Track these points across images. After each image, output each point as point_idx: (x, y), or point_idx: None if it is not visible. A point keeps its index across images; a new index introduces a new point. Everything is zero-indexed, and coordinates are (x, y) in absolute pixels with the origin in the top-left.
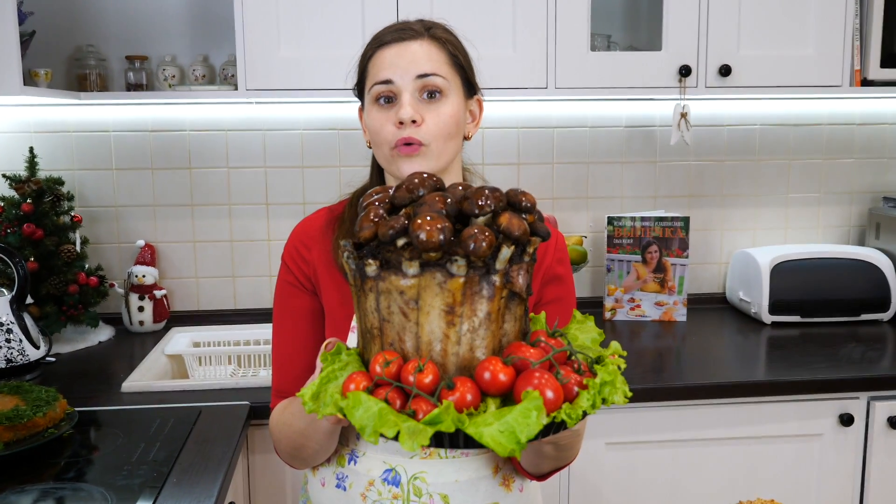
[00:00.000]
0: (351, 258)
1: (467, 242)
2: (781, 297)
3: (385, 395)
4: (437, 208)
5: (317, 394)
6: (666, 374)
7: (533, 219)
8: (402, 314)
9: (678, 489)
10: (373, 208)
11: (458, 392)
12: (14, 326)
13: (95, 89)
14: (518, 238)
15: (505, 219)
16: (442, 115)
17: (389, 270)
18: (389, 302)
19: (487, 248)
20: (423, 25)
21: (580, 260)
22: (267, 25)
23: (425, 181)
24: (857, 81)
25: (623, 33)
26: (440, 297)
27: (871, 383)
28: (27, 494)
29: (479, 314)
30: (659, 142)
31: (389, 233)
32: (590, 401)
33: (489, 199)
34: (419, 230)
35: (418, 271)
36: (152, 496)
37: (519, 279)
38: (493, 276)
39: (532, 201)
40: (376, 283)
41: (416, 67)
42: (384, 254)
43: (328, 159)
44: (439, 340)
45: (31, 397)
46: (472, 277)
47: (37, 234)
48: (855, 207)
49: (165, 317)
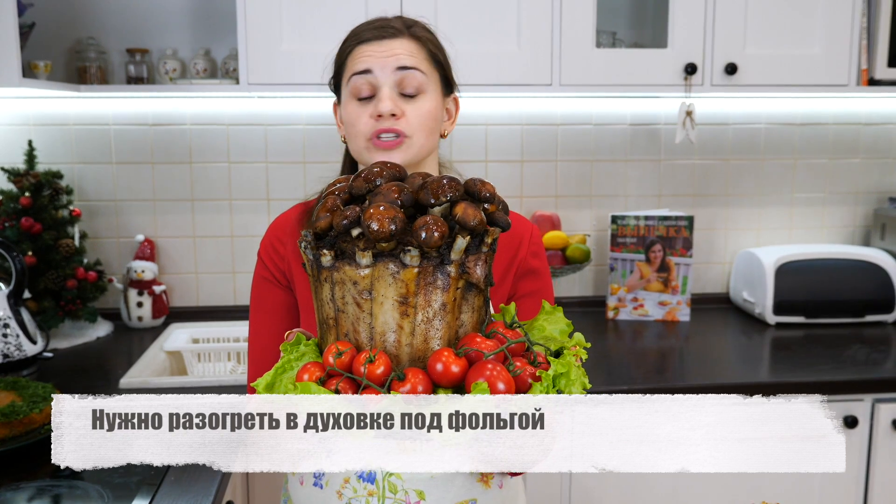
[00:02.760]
0: (308, 248)
1: (419, 232)
2: (786, 298)
3: (336, 386)
4: (392, 198)
5: (271, 383)
6: (668, 374)
7: (494, 208)
8: (356, 304)
9: (681, 490)
10: (331, 198)
11: (408, 383)
12: (11, 321)
13: (95, 82)
14: (474, 228)
15: (461, 208)
16: (422, 110)
17: (344, 261)
18: (344, 292)
19: (439, 238)
20: (404, 23)
21: (583, 259)
22: (269, 19)
23: (384, 170)
24: (865, 81)
25: (628, 30)
26: (393, 288)
27: (876, 385)
28: (23, 491)
29: (434, 305)
30: (663, 140)
31: (343, 223)
32: (542, 392)
33: (445, 189)
34: (371, 220)
35: (371, 262)
36: (149, 494)
37: (476, 270)
38: (448, 266)
39: (491, 190)
40: (331, 274)
41: (397, 60)
42: (340, 244)
43: (330, 155)
44: (393, 331)
45: (27, 393)
46: (425, 268)
47: (35, 227)
48: (860, 208)
49: (164, 313)
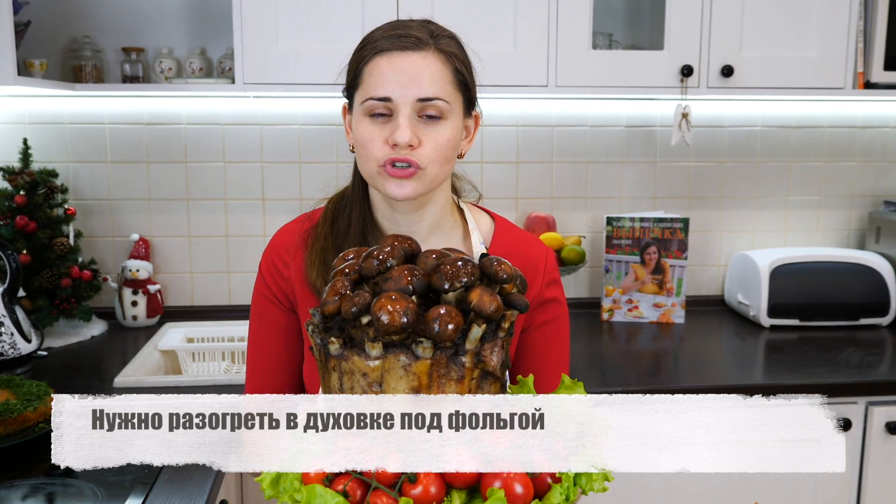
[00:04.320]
0: (315, 333)
1: (432, 325)
2: (780, 301)
3: (343, 487)
4: (403, 285)
5: (276, 479)
6: (663, 376)
7: (511, 288)
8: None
9: (675, 490)
10: (339, 279)
11: (420, 485)
12: (5, 319)
13: (91, 81)
14: (490, 315)
15: (476, 295)
16: (440, 138)
17: (353, 350)
18: (353, 383)
19: (453, 332)
20: (429, 32)
21: (578, 260)
22: (265, 19)
23: (396, 250)
24: (860, 84)
25: (625, 32)
26: (405, 381)
27: (870, 388)
28: (17, 489)
29: None
30: (659, 142)
31: (352, 310)
32: (563, 494)
33: (460, 273)
34: (381, 311)
35: (381, 353)
36: (143, 493)
37: (492, 358)
38: (463, 356)
39: (508, 272)
40: (339, 363)
41: (419, 89)
42: (349, 330)
43: (326, 155)
44: None
45: (21, 391)
46: (439, 359)
47: (30, 226)
48: (855, 211)
49: (159, 312)
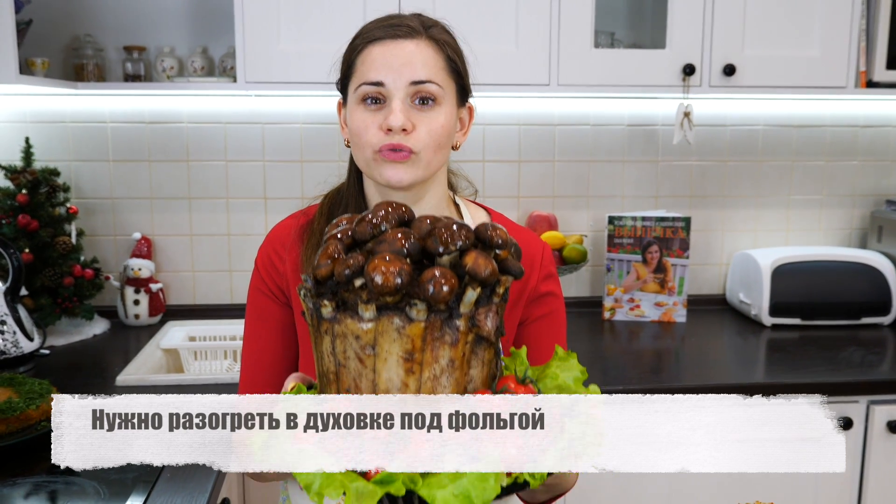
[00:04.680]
0: (308, 297)
1: (426, 286)
2: (782, 300)
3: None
4: (397, 247)
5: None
6: (664, 374)
7: (506, 254)
8: (358, 360)
9: (675, 490)
10: (332, 242)
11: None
12: (8, 318)
13: (92, 80)
14: (485, 279)
15: (471, 258)
16: (434, 124)
17: (346, 313)
18: (345, 346)
19: (448, 294)
20: (421, 22)
21: (580, 259)
22: (267, 18)
23: (390, 214)
24: (863, 83)
25: (627, 31)
26: (398, 344)
27: (871, 387)
28: (19, 488)
29: (441, 361)
30: (661, 141)
31: (345, 272)
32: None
33: (455, 237)
34: (375, 272)
35: (375, 315)
36: (145, 491)
37: (487, 322)
38: (457, 320)
39: (503, 237)
40: (332, 326)
41: (411, 72)
42: (342, 294)
43: (327, 154)
44: (397, 389)
45: (24, 390)
46: (433, 322)
47: (32, 225)
48: (857, 210)
49: (161, 310)
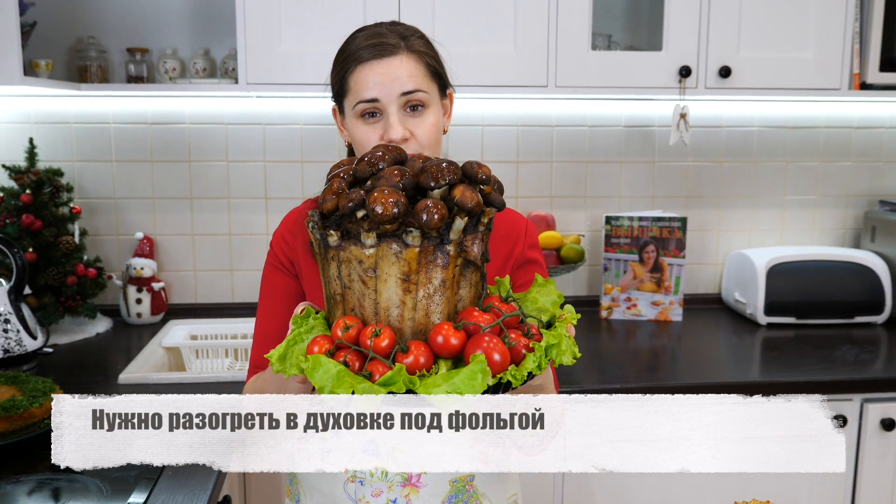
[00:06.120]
0: (315, 228)
1: (420, 215)
2: (777, 299)
3: (344, 358)
4: (394, 182)
5: (283, 355)
6: (661, 373)
7: (490, 189)
8: (361, 282)
9: (672, 489)
10: (336, 180)
11: (411, 355)
12: (12, 317)
13: (96, 81)
14: (471, 209)
15: (459, 191)
16: (427, 125)
17: (350, 241)
18: (350, 270)
19: (439, 221)
20: (399, 35)
21: (577, 259)
22: (268, 19)
23: (386, 155)
24: (857, 85)
25: (624, 33)
26: (396, 266)
27: (865, 385)
28: (22, 485)
29: (434, 281)
30: (657, 142)
31: (349, 205)
32: (535, 362)
33: (444, 172)
34: (375, 203)
35: (376, 242)
36: (147, 488)
37: (473, 248)
38: (448, 245)
39: (487, 173)
40: (338, 253)
41: (400, 85)
42: (346, 225)
43: (328, 154)
44: (396, 306)
45: (27, 388)
46: (426, 247)
47: (35, 224)
48: (851, 210)
49: (163, 309)
